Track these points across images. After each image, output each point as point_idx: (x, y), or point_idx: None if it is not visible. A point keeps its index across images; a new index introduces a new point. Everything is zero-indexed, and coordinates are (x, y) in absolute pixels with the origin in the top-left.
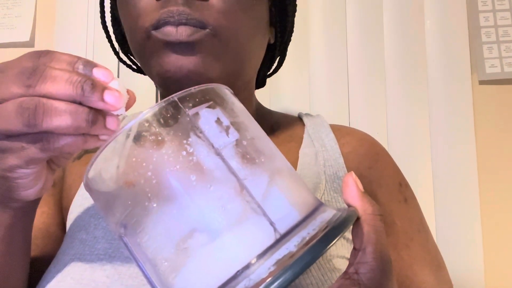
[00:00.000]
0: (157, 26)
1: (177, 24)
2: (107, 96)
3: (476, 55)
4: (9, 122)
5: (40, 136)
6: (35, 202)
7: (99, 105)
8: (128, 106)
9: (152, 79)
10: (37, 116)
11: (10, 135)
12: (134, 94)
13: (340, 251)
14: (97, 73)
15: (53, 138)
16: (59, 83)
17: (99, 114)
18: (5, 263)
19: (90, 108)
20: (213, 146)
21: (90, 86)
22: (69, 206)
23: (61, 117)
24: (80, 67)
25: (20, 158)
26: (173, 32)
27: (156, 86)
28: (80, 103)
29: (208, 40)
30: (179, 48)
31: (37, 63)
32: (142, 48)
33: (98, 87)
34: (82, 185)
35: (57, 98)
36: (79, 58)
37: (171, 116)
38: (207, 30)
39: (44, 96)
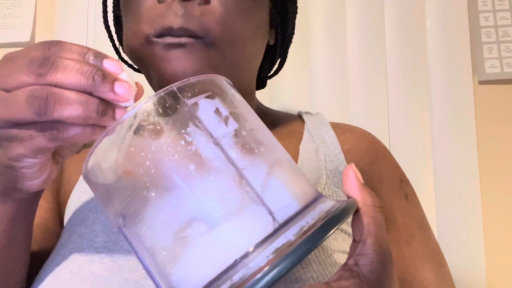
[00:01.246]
0: (159, 35)
1: (178, 36)
2: (118, 87)
3: (476, 55)
4: (20, 110)
5: (49, 125)
6: (38, 194)
7: (110, 96)
8: (136, 98)
9: (149, 83)
10: (48, 105)
11: (19, 124)
12: (142, 86)
13: (341, 246)
14: (107, 64)
15: (62, 127)
16: (70, 73)
17: (108, 105)
18: (6, 256)
19: (100, 99)
20: (211, 136)
21: (101, 76)
22: (67, 200)
23: (72, 107)
24: (91, 58)
25: (27, 147)
26: (173, 39)
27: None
28: (90, 94)
29: (204, 48)
30: (177, 54)
31: (48, 52)
32: (141, 52)
33: (109, 78)
34: (80, 179)
35: (67, 88)
36: (89, 49)
37: (170, 106)
38: (205, 39)
39: (54, 85)
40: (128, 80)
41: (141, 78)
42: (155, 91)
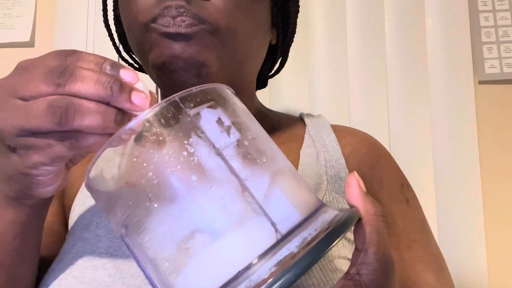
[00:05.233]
0: (156, 19)
1: (175, 16)
2: (135, 97)
3: (476, 55)
4: (39, 120)
5: (68, 134)
6: (49, 200)
7: (127, 105)
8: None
9: (150, 75)
10: (69, 115)
11: (38, 133)
12: (155, 95)
13: (342, 252)
14: (124, 75)
15: (81, 137)
16: (88, 83)
17: (125, 115)
18: (17, 261)
19: (117, 108)
20: (214, 146)
21: (119, 86)
22: (71, 205)
23: (92, 117)
24: (108, 68)
25: (46, 156)
26: (170, 23)
27: (157, 86)
28: (107, 103)
29: (206, 35)
30: (176, 38)
31: (65, 62)
32: (140, 42)
33: (126, 88)
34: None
35: (86, 97)
36: (105, 59)
37: (172, 116)
38: (205, 25)
39: (73, 95)
40: (144, 89)
41: (142, 77)
42: (154, 82)
